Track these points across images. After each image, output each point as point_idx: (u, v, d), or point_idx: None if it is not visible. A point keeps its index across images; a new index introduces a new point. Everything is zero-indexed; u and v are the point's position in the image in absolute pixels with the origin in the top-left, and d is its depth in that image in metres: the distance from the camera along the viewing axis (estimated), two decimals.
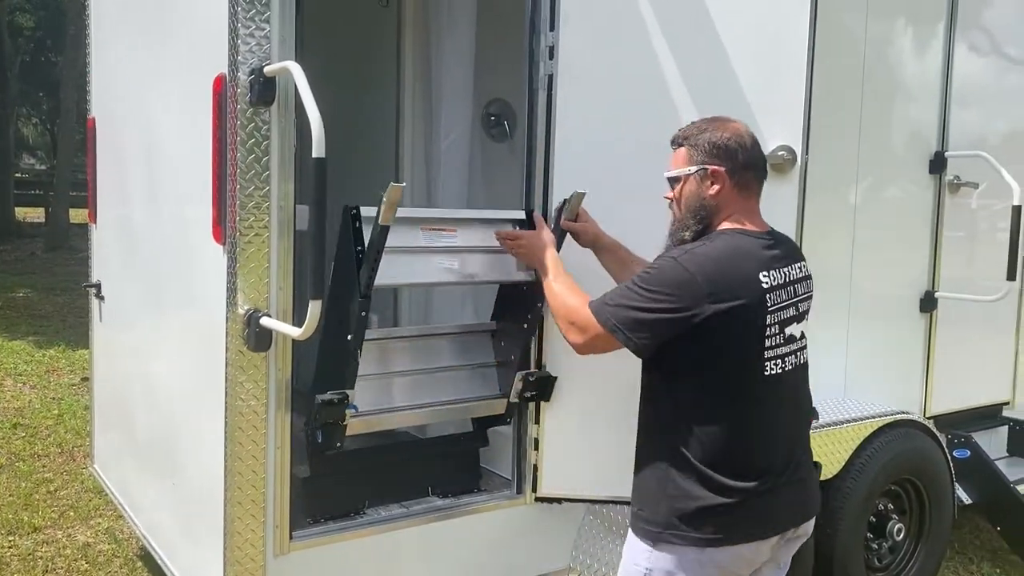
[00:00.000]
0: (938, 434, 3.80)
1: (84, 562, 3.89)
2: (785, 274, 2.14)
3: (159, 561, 3.04)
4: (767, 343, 2.08)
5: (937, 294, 4.04)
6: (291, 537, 2.47)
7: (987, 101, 4.21)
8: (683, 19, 2.72)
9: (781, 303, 2.12)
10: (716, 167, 2.15)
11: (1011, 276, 3.74)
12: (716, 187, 2.16)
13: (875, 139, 3.75)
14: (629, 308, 2.07)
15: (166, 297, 2.95)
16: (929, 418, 4.09)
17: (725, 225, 2.17)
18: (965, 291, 4.03)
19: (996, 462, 4.21)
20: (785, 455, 2.15)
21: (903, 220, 3.95)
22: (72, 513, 4.42)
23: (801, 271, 2.22)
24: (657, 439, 2.17)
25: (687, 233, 2.19)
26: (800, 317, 2.20)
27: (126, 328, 3.44)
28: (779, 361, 2.12)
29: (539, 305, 2.72)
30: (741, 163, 2.17)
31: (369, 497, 2.75)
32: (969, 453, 4.13)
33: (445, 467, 2.95)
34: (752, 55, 2.71)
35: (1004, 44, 4.29)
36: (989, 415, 4.47)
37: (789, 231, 2.77)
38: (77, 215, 17.83)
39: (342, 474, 2.67)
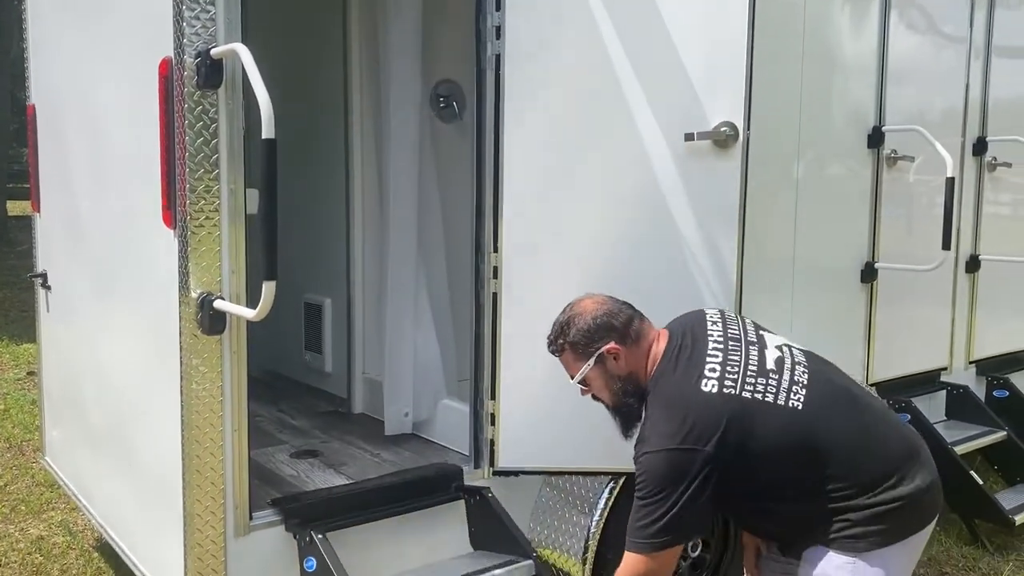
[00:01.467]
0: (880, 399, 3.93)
1: (39, 555, 3.84)
2: (717, 344, 2.20)
3: (118, 550, 3.02)
4: (769, 398, 2.12)
5: (877, 265, 4.17)
6: (251, 518, 2.48)
7: (922, 77, 4.34)
8: None
9: (739, 364, 2.15)
10: (606, 346, 2.25)
11: (946, 246, 3.88)
12: (620, 360, 2.26)
13: (815, 115, 3.84)
14: (658, 520, 2.06)
15: (116, 284, 2.92)
16: (872, 385, 4.24)
17: (651, 369, 2.26)
18: (904, 261, 4.17)
19: (935, 425, 4.39)
20: (888, 450, 2.17)
21: (843, 193, 4.07)
22: (24, 507, 4.36)
23: (716, 319, 2.29)
24: (798, 530, 2.20)
25: (633, 408, 2.29)
26: (758, 342, 2.24)
27: (75, 317, 3.40)
28: (787, 392, 2.13)
29: None
30: (619, 326, 2.27)
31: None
32: (909, 417, 4.29)
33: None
34: (694, 33, 2.77)
35: (938, 22, 4.42)
36: (928, 381, 4.64)
37: (732, 207, 2.87)
38: (15, 207, 17.34)
39: None
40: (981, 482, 4.08)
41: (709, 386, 2.12)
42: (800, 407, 2.12)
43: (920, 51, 4.34)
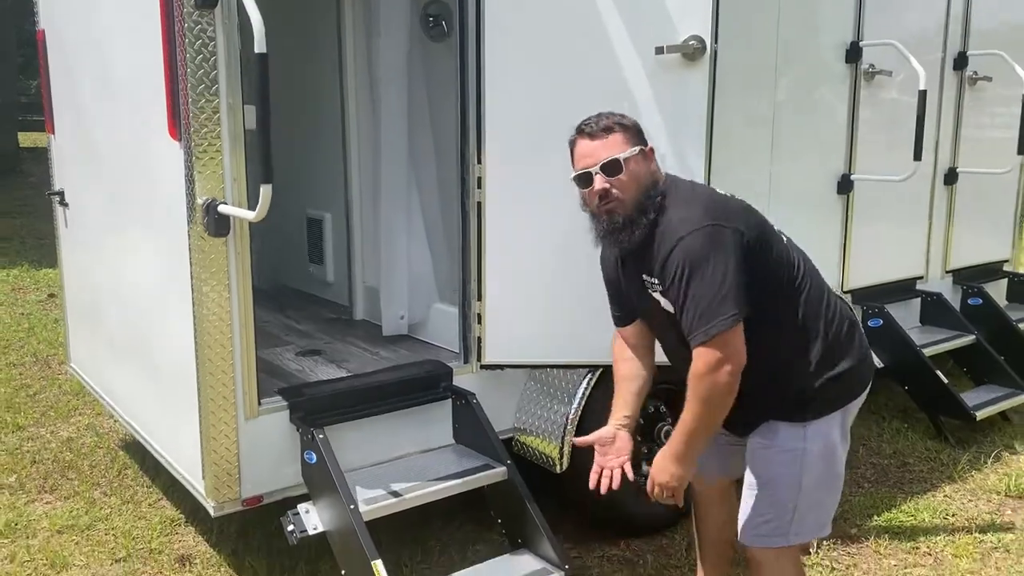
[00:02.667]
0: (847, 301, 4.17)
1: (69, 453, 4.17)
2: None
3: (142, 440, 3.33)
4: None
5: (853, 176, 4.35)
6: (259, 403, 2.76)
7: None
8: None
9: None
10: (650, 147, 2.32)
11: (917, 157, 4.06)
12: (652, 163, 2.31)
13: (793, 30, 3.98)
14: (717, 295, 2.10)
15: (128, 195, 3.15)
16: (847, 292, 4.46)
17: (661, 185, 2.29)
18: (880, 174, 4.34)
19: (909, 330, 4.63)
20: (839, 309, 2.38)
21: (821, 107, 4.22)
22: (53, 413, 4.69)
23: None
24: (771, 361, 2.26)
25: (652, 213, 2.22)
26: None
27: (92, 229, 3.64)
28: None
29: None
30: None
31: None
32: (881, 322, 4.53)
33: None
34: None
35: None
36: (904, 289, 4.86)
37: (701, 116, 3.05)
38: (26, 139, 17.50)
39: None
40: (946, 381, 4.33)
41: (721, 191, 2.36)
42: (785, 240, 2.36)
43: None
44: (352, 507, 2.58)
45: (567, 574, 2.73)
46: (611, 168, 2.24)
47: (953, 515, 3.60)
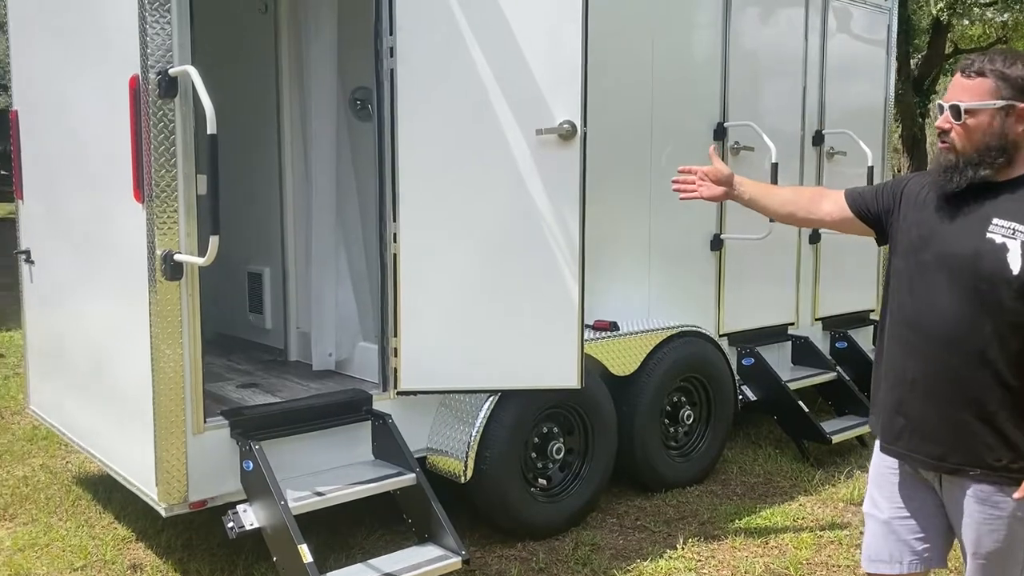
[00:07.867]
0: (717, 341, 4.85)
1: (26, 488, 4.58)
2: None
3: (101, 464, 3.79)
4: None
5: (723, 236, 5.10)
6: (205, 420, 3.28)
7: (758, 78, 5.28)
8: (489, 23, 3.60)
9: None
10: (1022, 104, 2.10)
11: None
12: (1020, 126, 2.12)
13: (667, 113, 4.75)
14: None
15: (94, 250, 3.69)
16: (723, 335, 5.15)
17: None
18: (744, 233, 5.09)
19: (779, 369, 5.32)
20: None
21: None
22: (8, 456, 5.08)
23: None
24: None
25: (987, 170, 2.12)
26: None
27: (57, 281, 4.15)
28: None
29: None
30: None
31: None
32: (753, 361, 5.23)
33: None
34: (542, 53, 3.62)
35: (774, 37, 5.37)
36: (778, 333, 5.59)
37: (575, 187, 3.71)
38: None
39: None
40: (807, 410, 5.01)
41: None
42: None
43: (756, 53, 5.26)
44: (283, 503, 3.11)
45: (463, 559, 3.27)
46: (954, 112, 2.16)
47: (802, 518, 4.23)
